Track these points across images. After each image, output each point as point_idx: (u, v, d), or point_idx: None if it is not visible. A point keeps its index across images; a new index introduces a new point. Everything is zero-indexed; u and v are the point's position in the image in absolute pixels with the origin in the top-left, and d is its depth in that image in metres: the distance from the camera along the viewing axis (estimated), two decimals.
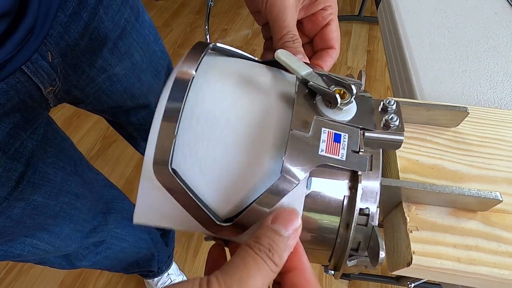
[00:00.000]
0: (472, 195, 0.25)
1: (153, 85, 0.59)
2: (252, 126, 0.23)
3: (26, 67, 0.34)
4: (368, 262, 0.23)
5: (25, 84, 0.35)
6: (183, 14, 2.21)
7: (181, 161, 0.22)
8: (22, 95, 0.35)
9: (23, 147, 0.38)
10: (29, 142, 0.39)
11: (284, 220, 0.21)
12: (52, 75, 0.38)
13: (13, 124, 0.36)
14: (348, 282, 1.09)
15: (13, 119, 0.36)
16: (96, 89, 0.48)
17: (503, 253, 0.25)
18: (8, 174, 0.37)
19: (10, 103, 0.34)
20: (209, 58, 0.27)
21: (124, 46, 0.48)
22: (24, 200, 0.40)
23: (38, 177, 0.41)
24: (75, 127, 1.49)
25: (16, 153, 0.37)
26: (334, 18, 0.32)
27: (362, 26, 2.15)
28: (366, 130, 0.23)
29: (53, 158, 0.43)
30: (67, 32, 0.38)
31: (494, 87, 0.45)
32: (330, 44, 0.32)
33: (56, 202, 0.45)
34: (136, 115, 0.63)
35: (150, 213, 0.24)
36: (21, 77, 0.34)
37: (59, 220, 0.47)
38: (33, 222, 0.44)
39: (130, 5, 0.47)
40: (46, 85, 0.38)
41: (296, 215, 0.21)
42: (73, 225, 0.51)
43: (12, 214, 0.39)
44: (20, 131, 0.37)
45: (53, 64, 0.38)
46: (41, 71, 0.36)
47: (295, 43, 0.29)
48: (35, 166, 0.40)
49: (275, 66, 0.28)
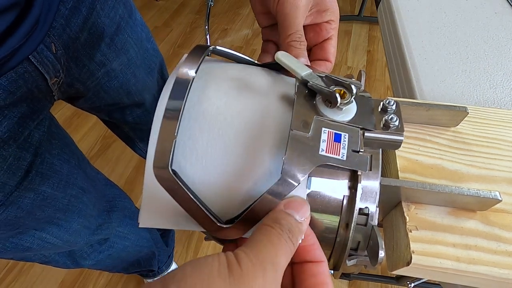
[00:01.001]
0: (472, 194, 0.25)
1: (147, 82, 0.60)
2: (251, 126, 0.23)
3: (33, 57, 0.36)
4: (368, 261, 0.24)
5: (32, 74, 0.37)
6: (183, 14, 2.21)
7: (182, 161, 0.23)
8: (30, 84, 0.37)
9: (31, 137, 0.40)
10: (36, 133, 0.40)
11: (296, 206, 0.21)
12: (56, 66, 0.40)
13: (21, 113, 0.37)
14: (348, 282, 1.09)
15: (21, 109, 0.37)
16: (95, 83, 0.50)
17: (502, 252, 0.25)
18: (18, 163, 0.38)
19: (19, 92, 0.36)
20: (208, 63, 0.27)
21: (120, 41, 0.50)
22: (34, 190, 0.41)
23: (45, 167, 0.42)
24: (75, 127, 1.49)
25: (25, 142, 0.39)
26: (335, 34, 0.34)
27: (362, 26, 2.15)
28: (366, 130, 0.23)
29: (58, 150, 0.45)
30: (68, 25, 0.40)
31: (493, 87, 0.45)
32: (328, 57, 0.33)
33: (64, 195, 0.47)
34: (132, 113, 0.64)
35: (155, 216, 0.24)
36: (28, 67, 0.36)
37: (68, 214, 0.49)
38: (43, 214, 0.45)
39: (124, 3, 0.49)
40: (51, 76, 0.40)
41: (307, 204, 0.22)
42: (81, 220, 0.52)
43: (23, 205, 0.41)
44: (28, 121, 0.39)
45: (57, 55, 0.40)
46: (46, 61, 0.38)
47: (301, 45, 0.30)
48: (42, 157, 0.42)
49: (275, 69, 0.29)
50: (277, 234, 0.20)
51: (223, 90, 0.25)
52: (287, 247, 0.20)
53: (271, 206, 0.21)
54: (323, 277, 0.21)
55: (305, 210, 0.21)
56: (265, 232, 0.20)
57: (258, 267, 0.18)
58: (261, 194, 0.21)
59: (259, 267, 0.18)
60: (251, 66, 0.29)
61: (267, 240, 0.19)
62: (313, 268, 0.21)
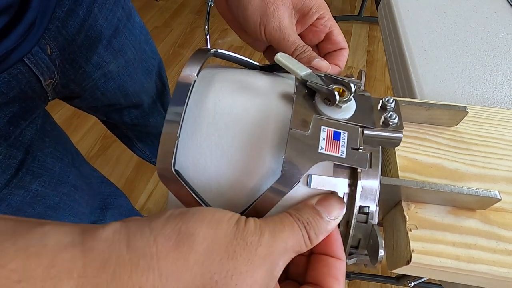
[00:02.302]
0: (471, 193, 0.25)
1: (145, 84, 0.60)
2: (253, 125, 0.23)
3: (27, 58, 0.36)
4: (368, 260, 0.24)
5: (25, 75, 0.37)
6: (183, 14, 2.21)
7: (184, 162, 0.23)
8: (23, 85, 0.37)
9: (22, 135, 0.40)
10: (28, 131, 0.40)
11: (330, 206, 0.21)
12: (51, 67, 0.40)
13: (13, 113, 0.37)
14: (348, 282, 1.09)
15: (13, 108, 0.37)
16: (92, 84, 0.50)
17: (502, 251, 0.25)
18: (8, 161, 0.38)
19: (12, 93, 0.36)
20: (210, 68, 0.27)
21: (117, 44, 0.50)
22: (24, 188, 0.41)
23: (37, 165, 0.42)
24: (75, 127, 1.49)
25: (16, 140, 0.39)
26: (333, 23, 0.34)
27: (362, 26, 2.15)
28: (365, 128, 0.23)
29: (51, 149, 0.45)
30: (64, 28, 0.40)
31: (493, 86, 0.45)
32: (341, 46, 0.34)
33: (55, 193, 0.46)
34: (129, 114, 0.64)
35: None
36: (22, 68, 0.36)
37: (59, 212, 0.49)
38: (33, 212, 0.45)
39: (122, 6, 0.49)
40: (45, 77, 0.40)
41: (343, 204, 0.22)
42: (72, 218, 0.52)
43: (12, 202, 0.41)
44: (19, 120, 0.38)
45: (52, 57, 0.40)
46: (41, 63, 0.38)
47: (307, 52, 0.31)
48: (34, 155, 0.42)
49: (275, 70, 0.29)
50: (291, 220, 0.20)
51: (225, 91, 0.25)
52: (299, 234, 0.20)
53: (272, 204, 0.21)
54: (338, 272, 0.21)
55: (338, 212, 0.21)
56: (282, 216, 0.20)
57: (258, 230, 0.19)
58: (263, 192, 0.21)
59: (259, 230, 0.19)
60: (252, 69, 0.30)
61: (278, 219, 0.20)
62: (331, 261, 0.21)
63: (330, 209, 0.21)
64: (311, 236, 0.20)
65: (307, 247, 0.20)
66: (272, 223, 0.19)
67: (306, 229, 0.20)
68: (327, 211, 0.21)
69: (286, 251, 0.19)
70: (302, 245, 0.20)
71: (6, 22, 0.30)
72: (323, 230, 0.21)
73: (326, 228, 0.21)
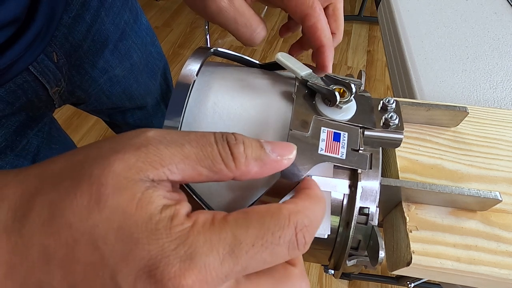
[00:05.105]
0: (472, 194, 0.25)
1: (150, 86, 0.60)
2: (254, 124, 0.23)
3: (33, 67, 0.35)
4: (368, 261, 0.23)
5: (31, 84, 0.36)
6: (183, 14, 2.21)
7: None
8: (30, 94, 0.36)
9: (29, 144, 0.39)
10: (34, 140, 0.40)
11: (276, 144, 0.18)
12: (58, 75, 0.39)
13: (19, 122, 0.36)
14: (348, 282, 1.09)
15: (20, 118, 0.36)
16: (97, 89, 0.49)
17: (502, 252, 0.25)
18: None
19: (18, 103, 0.35)
20: (210, 66, 0.27)
21: (124, 47, 0.49)
22: None
23: None
24: (75, 127, 1.49)
25: (23, 150, 0.38)
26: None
27: (362, 26, 2.15)
28: (365, 129, 0.23)
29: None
30: (71, 34, 0.39)
31: (493, 87, 0.45)
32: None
33: None
34: (133, 116, 0.64)
35: None
36: (27, 77, 0.35)
37: None
38: None
39: (129, 8, 0.48)
40: (52, 85, 0.39)
41: (292, 147, 0.19)
42: None
43: None
44: (26, 129, 0.38)
45: (59, 64, 0.39)
46: (47, 71, 0.37)
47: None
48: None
49: (275, 69, 0.29)
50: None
51: (225, 91, 0.25)
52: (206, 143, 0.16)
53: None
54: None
55: (285, 149, 0.18)
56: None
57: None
58: (262, 194, 0.21)
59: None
60: (252, 68, 0.29)
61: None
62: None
63: (275, 146, 0.18)
64: (231, 166, 0.17)
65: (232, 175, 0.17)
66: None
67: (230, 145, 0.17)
68: (271, 146, 0.18)
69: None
70: (228, 175, 0.17)
71: (12, 34, 0.29)
72: (257, 161, 0.17)
73: (260, 159, 0.17)
